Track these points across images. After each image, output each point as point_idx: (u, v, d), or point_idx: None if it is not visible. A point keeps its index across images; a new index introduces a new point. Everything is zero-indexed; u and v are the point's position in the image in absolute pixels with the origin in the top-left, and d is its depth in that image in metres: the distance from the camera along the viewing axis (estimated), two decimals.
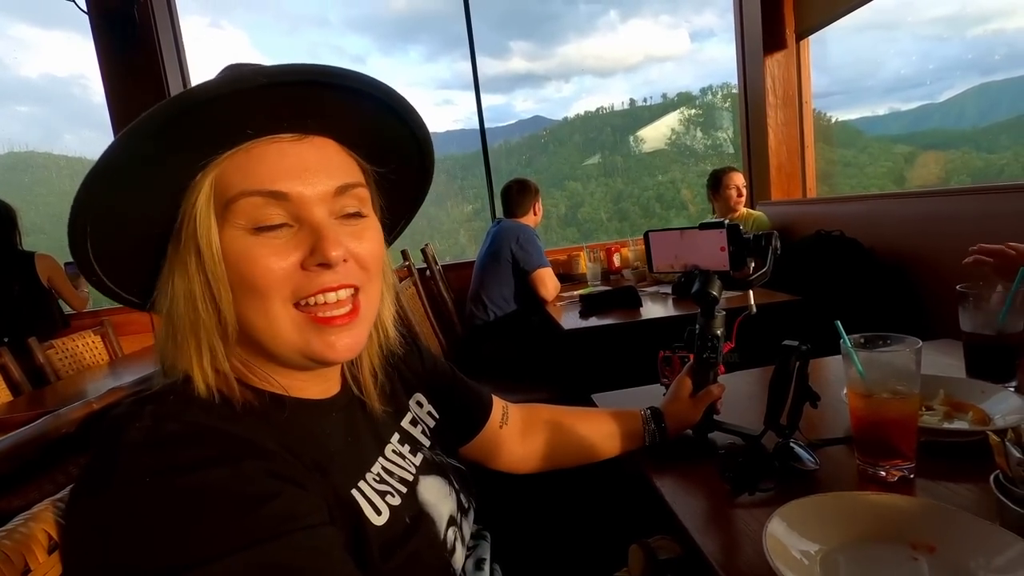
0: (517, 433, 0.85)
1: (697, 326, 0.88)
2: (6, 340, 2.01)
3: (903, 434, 0.71)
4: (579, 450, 0.87)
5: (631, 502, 0.92)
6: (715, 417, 0.89)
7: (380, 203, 0.57)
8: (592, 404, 1.12)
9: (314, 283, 0.48)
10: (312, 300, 0.49)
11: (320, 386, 0.57)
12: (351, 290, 0.51)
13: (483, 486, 0.74)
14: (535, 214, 2.55)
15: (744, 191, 2.70)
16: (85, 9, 2.48)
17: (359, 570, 0.45)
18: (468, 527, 0.67)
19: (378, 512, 0.53)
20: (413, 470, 0.62)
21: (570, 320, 1.99)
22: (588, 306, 2.07)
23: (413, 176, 0.60)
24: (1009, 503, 0.57)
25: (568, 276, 2.87)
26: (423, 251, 2.49)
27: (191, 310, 0.47)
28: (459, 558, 0.62)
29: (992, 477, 0.61)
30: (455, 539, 0.62)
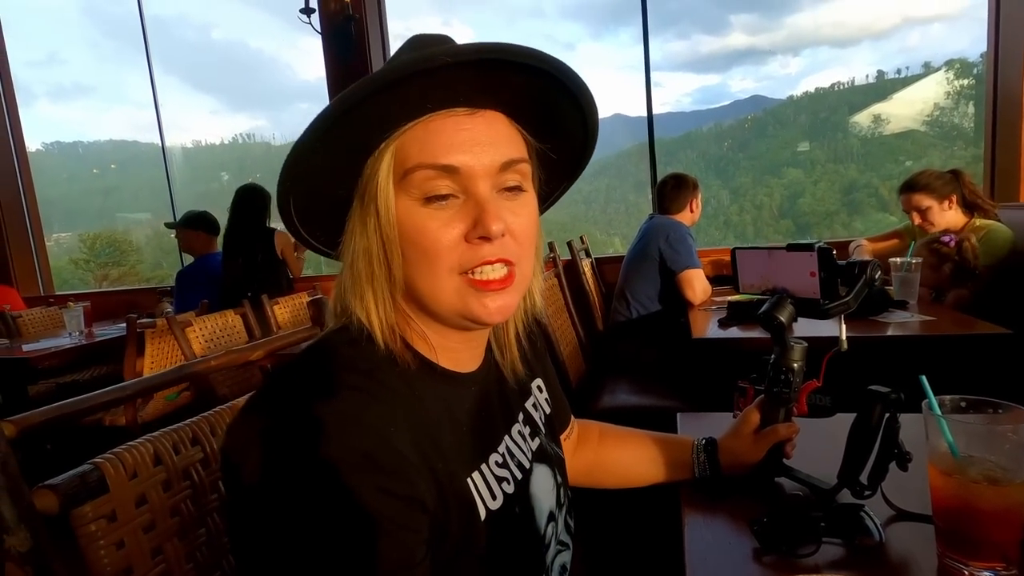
0: (572, 447, 0.85)
1: (771, 356, 0.78)
2: (248, 295, 2.62)
3: (1000, 530, 0.56)
4: (617, 473, 0.85)
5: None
6: (785, 462, 0.79)
7: (539, 175, 0.60)
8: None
9: (476, 255, 0.52)
10: (474, 272, 0.53)
11: (468, 352, 0.61)
12: (507, 264, 0.54)
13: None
14: (692, 211, 2.39)
15: (927, 215, 2.11)
16: (319, 30, 3.04)
17: (461, 555, 0.51)
18: (562, 524, 0.68)
19: (493, 497, 0.56)
20: (530, 456, 0.64)
21: (705, 328, 1.85)
22: (733, 314, 1.90)
23: (574, 150, 0.62)
24: None
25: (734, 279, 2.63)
26: (569, 244, 2.53)
27: (368, 265, 0.53)
28: (551, 554, 0.64)
29: None
30: (552, 535, 0.64)
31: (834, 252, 0.72)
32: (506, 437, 0.62)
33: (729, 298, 2.13)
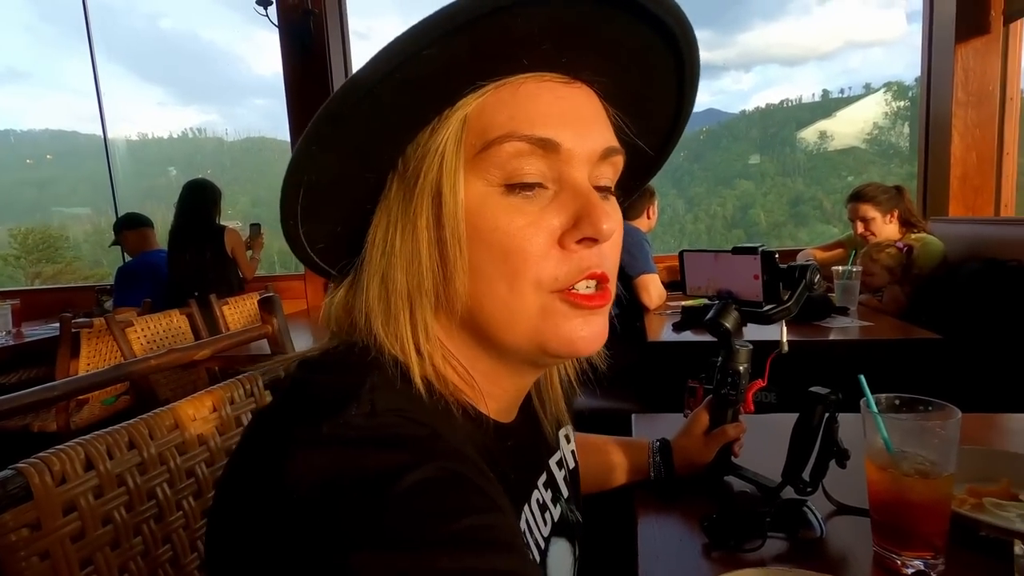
0: None
1: (719, 359, 0.81)
2: (195, 295, 2.51)
3: (928, 521, 0.59)
4: (585, 483, 0.85)
5: None
6: (733, 460, 0.81)
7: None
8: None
9: (576, 265, 0.39)
10: (572, 287, 0.40)
11: (514, 400, 0.49)
12: (603, 282, 0.42)
13: None
14: (648, 218, 2.45)
15: (870, 225, 2.25)
16: (276, 23, 2.96)
17: None
18: None
19: None
20: (548, 530, 0.50)
21: (660, 331, 1.90)
22: (687, 319, 1.95)
23: (654, 147, 0.50)
24: None
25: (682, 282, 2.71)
26: None
27: (413, 276, 0.39)
28: None
29: None
30: None
31: (776, 256, 0.74)
32: (525, 509, 0.48)
33: (683, 303, 2.19)
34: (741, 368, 0.78)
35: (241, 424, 0.75)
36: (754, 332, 0.80)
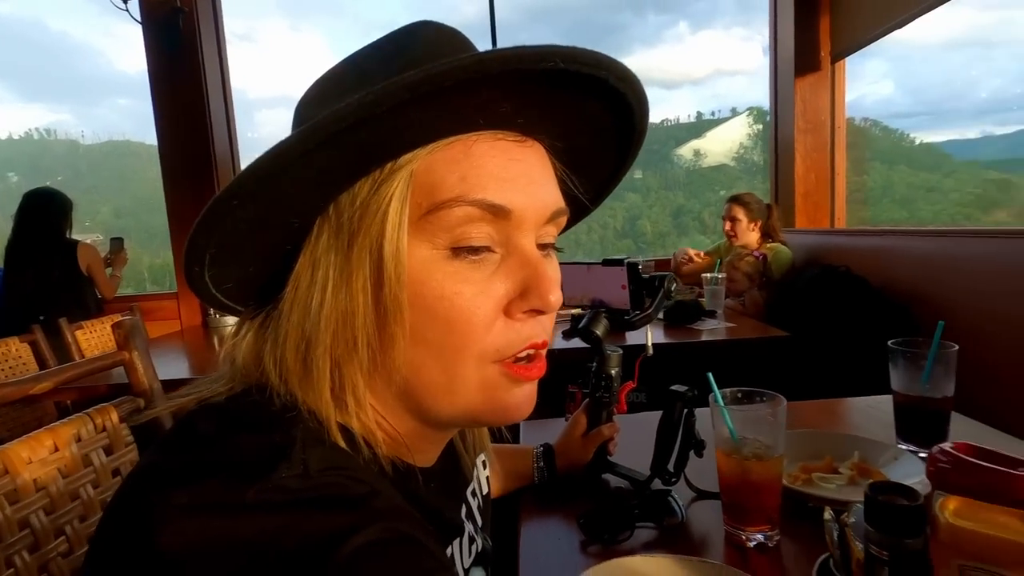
0: None
1: (593, 364, 0.86)
2: (41, 319, 2.21)
3: (763, 498, 0.67)
4: None
5: None
6: (609, 459, 0.87)
7: None
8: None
9: (519, 335, 0.38)
10: (511, 358, 0.39)
11: (438, 447, 0.47)
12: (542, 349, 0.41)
13: None
14: None
15: (735, 225, 2.57)
16: (139, 19, 2.71)
17: None
18: None
19: None
20: (470, 561, 0.49)
21: (552, 340, 1.97)
22: (575, 326, 2.05)
23: (590, 199, 0.49)
24: None
25: None
26: None
27: (345, 338, 0.37)
28: None
29: (819, 560, 0.57)
30: None
31: (640, 267, 0.81)
32: (453, 545, 0.47)
33: (572, 311, 2.28)
34: (613, 372, 0.84)
35: (91, 464, 0.68)
36: (628, 336, 0.86)
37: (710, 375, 0.72)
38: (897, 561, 0.47)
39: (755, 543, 0.67)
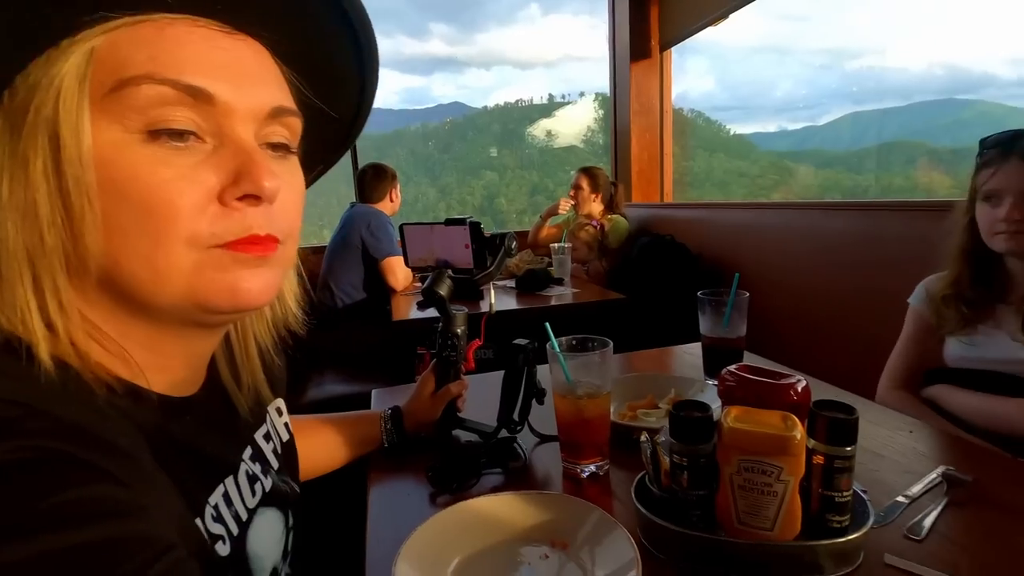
0: None
1: (439, 325, 0.87)
2: None
3: (595, 433, 0.74)
4: (307, 465, 0.82)
5: None
6: (458, 415, 0.89)
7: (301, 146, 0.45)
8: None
9: (240, 223, 0.37)
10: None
11: (188, 369, 0.44)
12: (274, 243, 0.40)
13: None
14: (392, 200, 2.49)
15: (578, 193, 2.78)
16: None
17: None
18: None
19: (212, 564, 0.40)
20: (254, 502, 0.49)
21: (407, 311, 1.96)
22: (428, 297, 2.05)
23: (343, 117, 0.49)
24: (639, 505, 0.60)
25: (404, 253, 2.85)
26: None
27: (29, 231, 0.33)
28: None
29: (637, 478, 0.64)
30: None
31: (482, 226, 0.83)
32: (226, 483, 0.45)
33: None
34: (459, 331, 0.85)
35: None
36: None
37: (547, 325, 0.77)
38: (694, 464, 0.55)
39: (588, 474, 0.74)
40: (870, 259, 1.49)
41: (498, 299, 2.11)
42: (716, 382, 0.61)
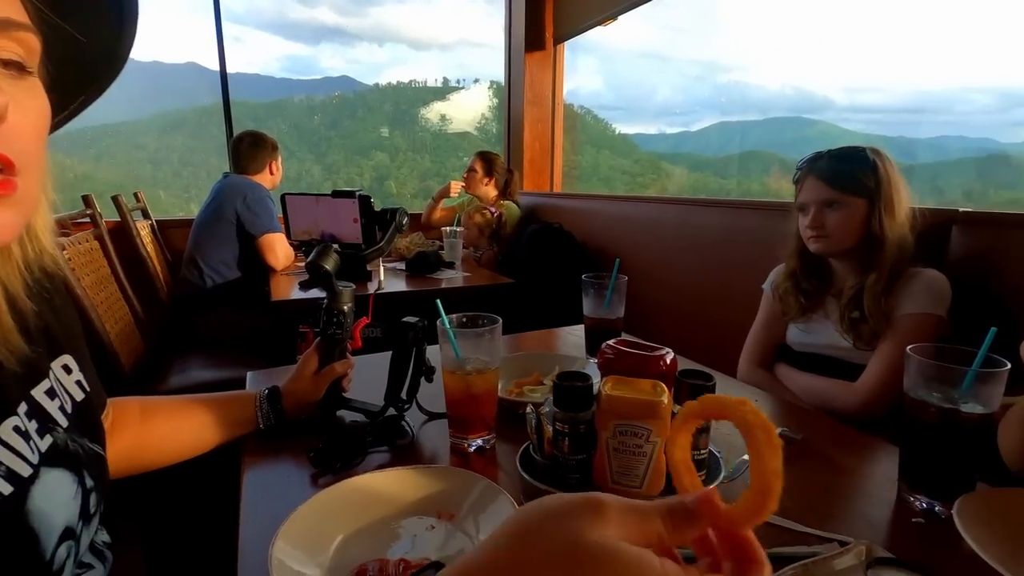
0: (107, 433, 0.69)
1: (324, 301, 0.83)
2: None
3: (482, 407, 0.76)
4: (170, 449, 0.75)
5: None
6: (344, 395, 0.86)
7: (48, 71, 0.41)
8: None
9: None
10: None
11: None
12: (5, 167, 0.36)
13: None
14: (272, 173, 2.31)
15: (471, 175, 2.81)
16: None
17: None
18: (87, 540, 0.53)
19: None
20: (34, 460, 0.46)
21: (288, 291, 1.84)
22: (313, 271, 1.95)
23: (100, 42, 0.45)
24: (523, 472, 0.63)
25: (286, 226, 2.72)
26: (116, 201, 2.07)
27: None
28: None
29: (521, 448, 0.67)
30: (69, 556, 0.48)
31: (372, 200, 0.81)
32: None
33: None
34: (345, 307, 0.82)
35: None
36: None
37: (438, 301, 0.77)
38: (575, 431, 0.58)
39: (475, 448, 0.76)
40: (731, 250, 1.66)
41: (387, 281, 2.06)
42: (597, 359, 0.66)
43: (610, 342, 0.65)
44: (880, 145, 1.16)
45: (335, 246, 0.80)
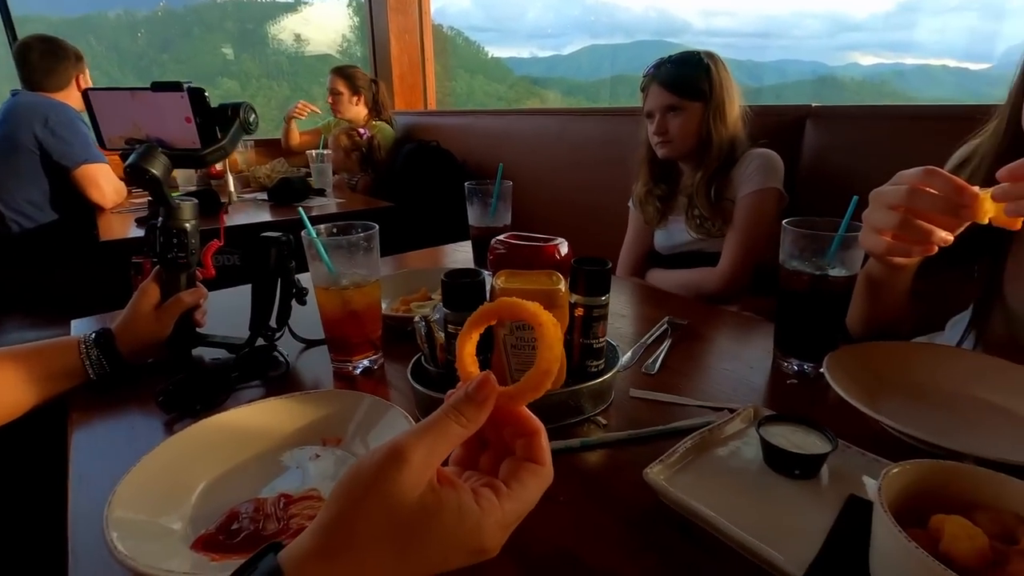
0: None
1: (159, 220, 0.68)
2: None
3: (365, 326, 0.68)
4: None
5: None
6: (199, 330, 0.74)
7: None
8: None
9: None
10: None
11: None
12: None
13: None
14: (80, 90, 1.89)
15: (337, 99, 2.52)
16: None
17: None
18: None
19: None
20: None
21: (124, 230, 1.57)
22: (136, 176, 1.67)
23: None
24: (415, 384, 0.58)
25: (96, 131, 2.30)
26: None
27: None
28: None
29: (412, 361, 0.62)
30: None
31: (207, 94, 0.66)
32: None
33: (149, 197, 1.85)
34: (187, 226, 0.68)
35: None
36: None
37: (300, 209, 0.66)
38: None
39: (361, 369, 0.69)
40: (612, 160, 1.67)
41: (249, 212, 1.83)
42: (488, 257, 0.61)
43: (500, 237, 0.60)
44: (732, 68, 1.20)
45: (163, 149, 0.65)
